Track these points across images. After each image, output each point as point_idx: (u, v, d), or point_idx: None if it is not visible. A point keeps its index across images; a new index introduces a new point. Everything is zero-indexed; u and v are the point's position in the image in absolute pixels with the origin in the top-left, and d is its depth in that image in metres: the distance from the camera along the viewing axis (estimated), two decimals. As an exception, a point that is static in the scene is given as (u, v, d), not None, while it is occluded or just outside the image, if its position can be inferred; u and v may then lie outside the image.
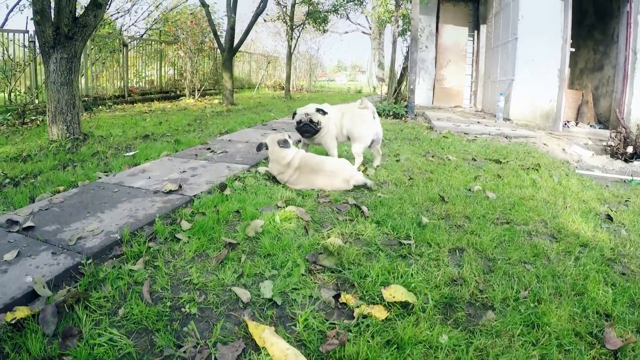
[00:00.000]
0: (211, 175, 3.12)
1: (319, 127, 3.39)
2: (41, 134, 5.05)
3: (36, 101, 7.27)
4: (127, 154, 4.05)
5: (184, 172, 3.19)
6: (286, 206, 2.51)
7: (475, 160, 4.19)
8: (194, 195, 2.60)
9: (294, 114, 3.47)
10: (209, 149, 4.14)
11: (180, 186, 2.73)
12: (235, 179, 3.08)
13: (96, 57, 9.99)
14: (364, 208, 2.52)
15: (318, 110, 3.41)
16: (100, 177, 3.08)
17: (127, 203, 2.45)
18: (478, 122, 7.28)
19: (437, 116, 7.63)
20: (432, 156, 4.26)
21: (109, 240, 1.95)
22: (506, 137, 6.03)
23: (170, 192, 2.64)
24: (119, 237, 1.98)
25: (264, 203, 2.56)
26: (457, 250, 2.06)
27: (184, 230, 2.12)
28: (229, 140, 4.72)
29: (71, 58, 4.32)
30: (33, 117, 6.46)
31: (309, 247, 1.99)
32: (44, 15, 4.11)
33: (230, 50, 9.69)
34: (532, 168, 3.85)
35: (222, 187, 2.77)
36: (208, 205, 2.46)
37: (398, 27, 8.82)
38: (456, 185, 3.16)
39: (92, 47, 9.99)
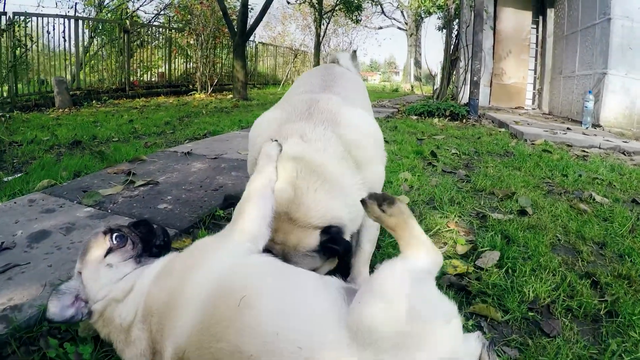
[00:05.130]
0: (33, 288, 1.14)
1: None
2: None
3: None
4: (6, 178, 2.35)
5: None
6: None
7: (638, 202, 2.22)
8: None
9: None
10: (129, 173, 2.27)
11: None
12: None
13: (94, 46, 8.62)
14: None
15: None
16: None
17: None
18: (568, 129, 5.21)
19: (512, 119, 5.56)
20: (564, 193, 2.31)
21: None
22: (624, 153, 4.10)
23: None
24: None
25: None
26: None
27: None
28: (187, 152, 2.83)
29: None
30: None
31: None
32: None
33: (243, 34, 7.97)
34: None
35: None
36: None
37: (454, 2, 6.79)
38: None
39: (92, 35, 8.61)
